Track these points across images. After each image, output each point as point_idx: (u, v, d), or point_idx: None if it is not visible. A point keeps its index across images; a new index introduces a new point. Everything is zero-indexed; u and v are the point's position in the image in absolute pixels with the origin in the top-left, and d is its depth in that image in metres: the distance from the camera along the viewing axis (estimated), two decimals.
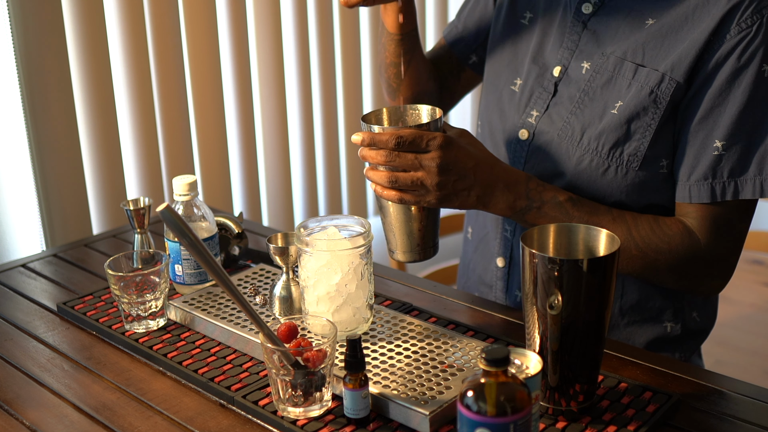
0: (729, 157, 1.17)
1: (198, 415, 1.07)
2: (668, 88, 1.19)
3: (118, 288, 1.24)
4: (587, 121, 1.25)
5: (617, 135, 1.22)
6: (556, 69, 1.31)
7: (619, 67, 1.23)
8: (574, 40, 1.29)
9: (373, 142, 1.13)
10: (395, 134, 1.12)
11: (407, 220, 1.19)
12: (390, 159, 1.13)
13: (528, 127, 1.32)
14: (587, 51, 1.28)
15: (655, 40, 1.21)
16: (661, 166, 1.23)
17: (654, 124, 1.20)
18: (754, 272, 2.87)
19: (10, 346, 1.26)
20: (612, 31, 1.26)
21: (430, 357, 1.12)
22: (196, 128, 2.12)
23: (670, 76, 1.19)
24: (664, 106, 1.19)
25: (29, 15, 1.71)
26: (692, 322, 1.35)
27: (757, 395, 1.09)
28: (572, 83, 1.28)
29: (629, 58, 1.22)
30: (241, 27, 2.15)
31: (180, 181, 1.30)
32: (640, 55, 1.22)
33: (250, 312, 1.01)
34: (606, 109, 1.23)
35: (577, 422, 1.02)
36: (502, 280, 1.41)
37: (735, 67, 1.15)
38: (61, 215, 1.84)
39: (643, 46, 1.22)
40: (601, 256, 0.98)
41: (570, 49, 1.30)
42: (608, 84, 1.24)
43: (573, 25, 1.29)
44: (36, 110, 1.76)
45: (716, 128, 1.17)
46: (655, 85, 1.20)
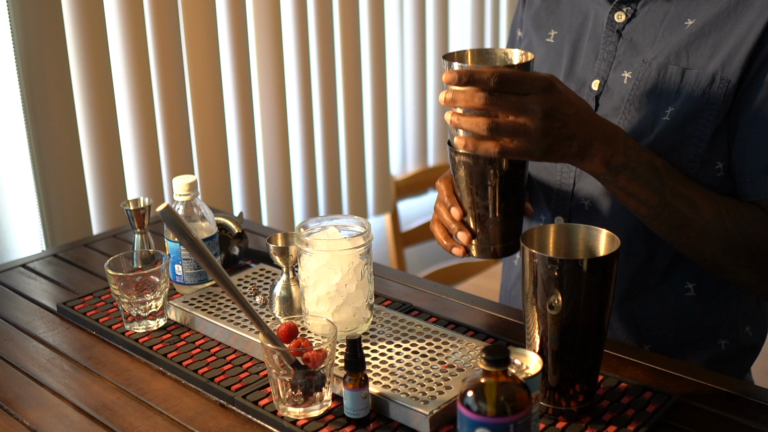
0: None
1: (198, 415, 1.07)
2: (720, 88, 1.14)
3: (118, 288, 1.24)
4: (638, 130, 1.20)
5: (672, 141, 1.17)
6: (594, 83, 1.25)
7: (664, 73, 1.18)
8: (611, 50, 1.24)
9: (471, 78, 0.99)
10: (497, 72, 0.99)
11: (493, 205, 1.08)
12: (491, 101, 1.00)
13: None
14: (626, 60, 1.23)
15: (698, 41, 1.17)
16: (717, 169, 1.18)
17: (710, 126, 1.16)
18: None
19: (10, 346, 1.26)
20: (650, 36, 1.21)
21: (430, 357, 1.12)
22: (196, 128, 2.12)
23: (721, 75, 1.14)
24: (718, 107, 1.15)
25: (29, 15, 1.71)
26: (746, 337, 1.30)
27: (757, 395, 1.09)
28: (614, 95, 1.23)
29: (673, 62, 1.18)
30: (241, 27, 2.15)
31: (180, 181, 1.30)
32: (685, 58, 1.17)
33: (250, 312, 1.01)
34: (657, 116, 1.18)
35: (577, 422, 1.02)
36: None
37: None
38: (61, 215, 1.84)
39: (686, 48, 1.17)
40: (601, 256, 0.98)
41: (607, 61, 1.24)
42: (654, 90, 1.19)
43: (607, 35, 1.24)
44: (36, 110, 1.76)
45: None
46: (706, 86, 1.15)
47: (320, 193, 2.53)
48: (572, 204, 1.27)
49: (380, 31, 2.55)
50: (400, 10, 2.65)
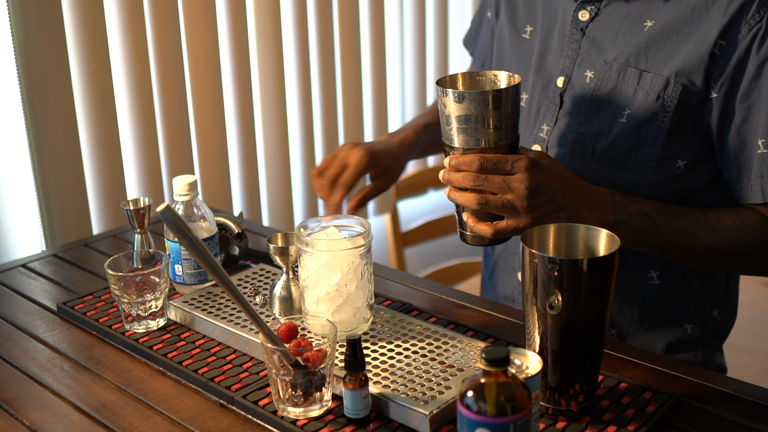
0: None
1: (198, 415, 1.07)
2: (674, 91, 1.19)
3: (118, 288, 1.24)
4: (597, 131, 1.24)
5: (629, 143, 1.22)
6: (559, 79, 1.30)
7: (623, 74, 1.22)
8: (575, 48, 1.28)
9: (459, 168, 1.11)
10: (479, 156, 1.10)
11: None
12: (477, 182, 1.11)
13: (540, 142, 1.32)
14: (589, 59, 1.27)
15: (657, 44, 1.21)
16: (678, 167, 1.23)
17: (665, 127, 1.20)
18: None
19: (10, 346, 1.26)
20: (611, 36, 1.25)
21: (430, 357, 1.12)
22: (196, 128, 2.12)
23: (675, 79, 1.19)
24: (672, 109, 1.19)
25: (29, 15, 1.71)
26: (713, 321, 1.34)
27: (757, 395, 1.09)
28: (577, 93, 1.27)
29: (632, 64, 1.22)
30: (241, 27, 2.15)
31: (180, 181, 1.30)
32: (643, 61, 1.22)
33: (250, 312, 1.01)
34: (615, 118, 1.23)
35: (577, 422, 1.02)
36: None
37: (757, 65, 1.16)
38: (61, 215, 1.84)
39: (645, 50, 1.21)
40: (601, 256, 0.98)
41: (571, 58, 1.29)
42: (614, 92, 1.23)
43: (572, 33, 1.29)
44: (36, 110, 1.76)
45: (754, 128, 1.17)
46: (661, 90, 1.20)
47: None
48: None
49: (380, 30, 2.55)
50: (400, 9, 2.65)
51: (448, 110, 1.11)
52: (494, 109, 1.09)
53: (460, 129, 1.11)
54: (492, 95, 1.08)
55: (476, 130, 1.10)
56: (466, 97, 1.09)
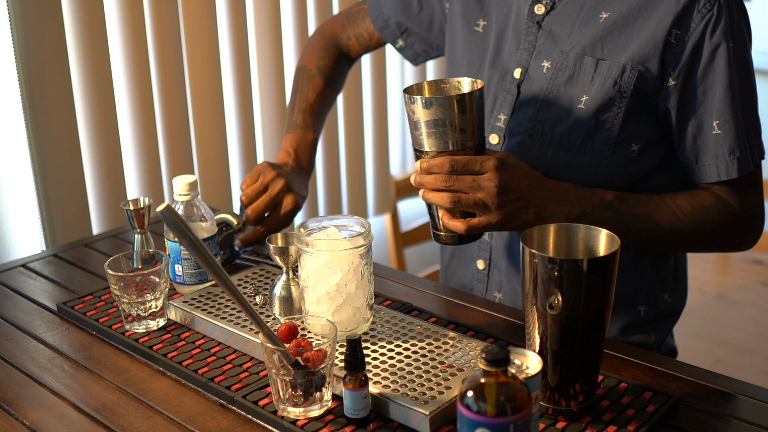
0: (726, 135, 1.23)
1: (198, 415, 1.07)
2: (630, 77, 1.24)
3: (118, 288, 1.24)
4: (556, 118, 1.29)
5: (587, 128, 1.27)
6: (516, 71, 1.34)
7: (580, 63, 1.28)
8: (531, 41, 1.33)
9: (429, 168, 1.16)
10: (449, 159, 1.14)
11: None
12: (449, 183, 1.16)
13: (498, 131, 1.35)
14: (545, 50, 1.31)
15: (612, 34, 1.26)
16: (632, 150, 1.28)
17: (621, 113, 1.25)
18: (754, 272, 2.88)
19: (10, 346, 1.26)
20: (567, 28, 1.30)
21: (430, 357, 1.12)
22: (196, 128, 2.12)
23: (632, 66, 1.24)
24: (628, 95, 1.25)
25: (29, 15, 1.71)
26: (664, 304, 1.40)
27: (757, 395, 1.09)
28: (534, 83, 1.32)
29: (589, 53, 1.27)
30: (241, 27, 2.15)
31: (180, 181, 1.31)
32: (599, 50, 1.26)
33: (250, 312, 1.01)
34: (572, 104, 1.28)
35: (577, 422, 1.02)
36: (483, 283, 1.44)
37: (710, 51, 1.22)
38: (61, 215, 1.84)
39: (601, 40, 1.26)
40: (601, 256, 0.98)
41: (528, 51, 1.33)
42: (571, 80, 1.28)
43: (528, 26, 1.33)
44: (36, 110, 1.76)
45: (710, 110, 1.23)
46: (617, 76, 1.24)
47: (320, 193, 2.53)
48: None
49: None
50: None
51: (417, 116, 1.16)
52: (460, 113, 1.14)
53: (429, 133, 1.16)
54: (457, 99, 1.13)
55: (444, 133, 1.15)
56: (434, 102, 1.13)
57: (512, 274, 1.40)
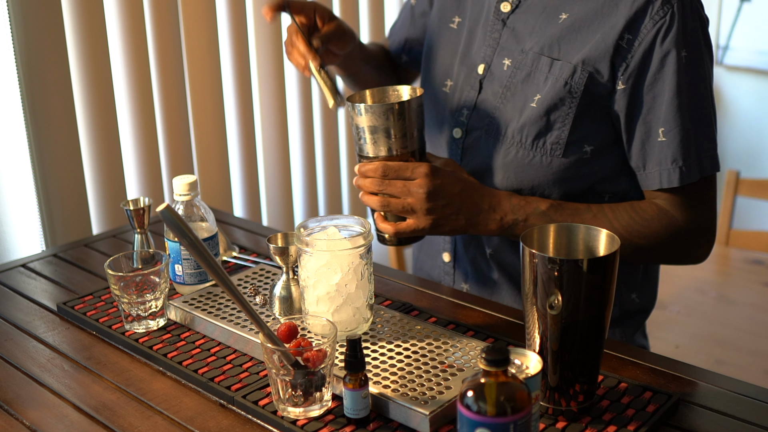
0: (670, 143, 1.24)
1: (198, 415, 1.07)
2: (581, 78, 1.26)
3: (118, 288, 1.24)
4: (509, 115, 1.31)
5: (538, 127, 1.28)
6: (480, 67, 1.37)
7: (537, 62, 1.30)
8: (495, 38, 1.35)
9: (365, 172, 1.23)
10: (382, 164, 1.22)
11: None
12: (382, 187, 1.22)
13: (461, 126, 1.38)
14: (508, 48, 1.34)
15: (570, 35, 1.28)
16: (585, 152, 1.29)
17: (572, 113, 1.27)
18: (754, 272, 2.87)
19: (10, 346, 1.26)
20: (529, 27, 1.32)
21: (430, 357, 1.12)
22: (196, 128, 2.12)
23: (582, 67, 1.25)
24: (578, 95, 1.26)
25: (29, 15, 1.71)
26: (630, 304, 1.41)
27: (757, 395, 1.09)
28: (495, 80, 1.34)
29: (546, 53, 1.29)
30: (241, 27, 2.15)
31: (180, 181, 1.31)
32: (556, 50, 1.28)
33: (250, 312, 1.01)
34: (526, 102, 1.30)
35: (577, 422, 1.02)
36: (449, 275, 1.47)
37: (659, 57, 1.23)
38: (61, 215, 1.84)
39: (558, 40, 1.28)
40: (601, 256, 0.98)
41: (492, 47, 1.36)
42: (528, 79, 1.30)
43: (494, 23, 1.36)
44: (36, 110, 1.76)
45: (657, 117, 1.24)
46: (568, 77, 1.26)
47: (320, 193, 2.53)
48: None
49: (380, 30, 2.55)
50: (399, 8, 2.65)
51: (357, 122, 1.24)
52: (397, 120, 1.21)
53: (368, 139, 1.24)
54: (395, 107, 1.21)
55: (382, 139, 1.23)
56: (371, 110, 1.21)
57: (477, 265, 1.42)
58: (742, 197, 2.56)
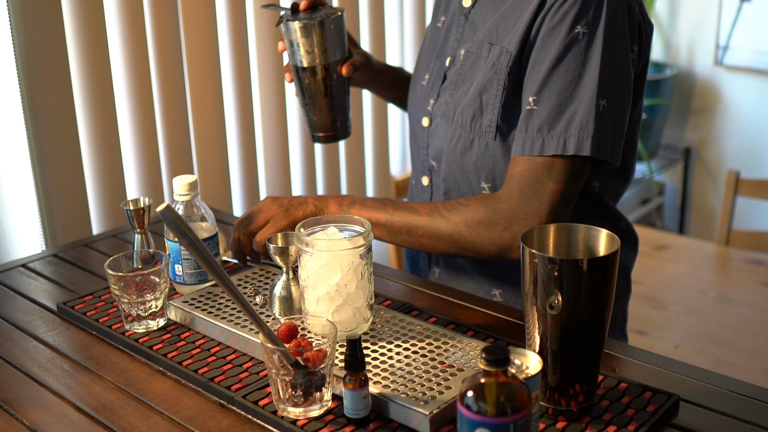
0: (539, 112, 1.24)
1: (198, 415, 1.07)
2: (504, 59, 1.30)
3: (118, 288, 1.24)
4: (458, 100, 1.38)
5: (473, 108, 1.34)
6: (447, 59, 1.44)
7: (480, 48, 1.35)
8: (460, 31, 1.42)
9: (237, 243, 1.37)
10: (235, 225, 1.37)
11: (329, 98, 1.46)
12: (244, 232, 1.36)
13: (428, 115, 1.45)
14: (466, 39, 1.40)
15: (505, 21, 1.32)
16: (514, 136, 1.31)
17: (499, 95, 1.31)
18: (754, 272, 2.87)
19: (10, 346, 1.26)
20: (483, 18, 1.38)
21: (430, 357, 1.12)
22: (196, 128, 2.12)
23: (507, 49, 1.30)
24: (503, 77, 1.30)
25: (29, 15, 1.71)
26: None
27: (757, 395, 1.09)
28: (454, 68, 1.41)
29: (487, 39, 1.34)
30: (241, 27, 2.15)
31: (180, 181, 1.31)
32: (495, 36, 1.33)
33: (250, 312, 1.01)
34: (468, 88, 1.36)
35: (577, 422, 1.02)
36: (425, 259, 1.52)
37: (548, 28, 1.24)
38: (61, 215, 1.84)
39: (497, 27, 1.33)
40: (601, 256, 0.98)
41: (457, 40, 1.43)
42: (474, 65, 1.36)
43: (458, 18, 1.43)
44: (36, 110, 1.76)
45: (531, 85, 1.25)
46: (496, 59, 1.31)
47: (320, 193, 2.53)
48: (429, 165, 1.46)
49: (380, 29, 2.54)
50: (399, 8, 2.65)
51: (292, 38, 1.41)
52: (303, 37, 1.39)
53: (287, 51, 1.44)
54: (300, 26, 1.38)
55: (293, 53, 1.42)
56: (282, 27, 1.40)
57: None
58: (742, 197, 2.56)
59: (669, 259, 2.58)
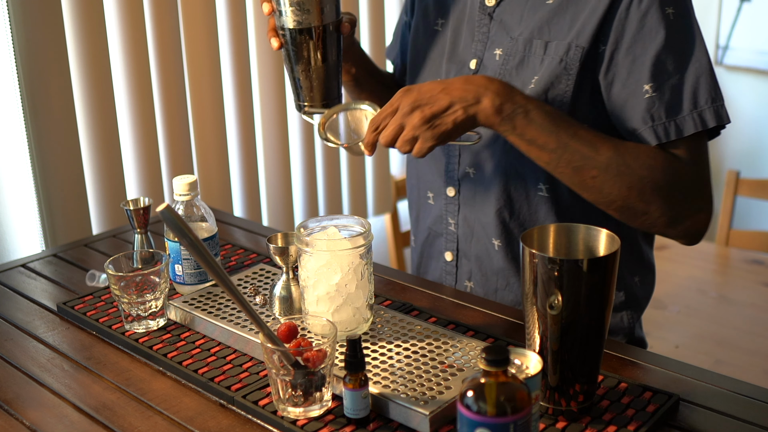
0: (661, 97, 1.22)
1: (198, 415, 1.07)
2: (575, 54, 1.26)
3: (118, 288, 1.24)
4: None
5: None
6: (472, 62, 1.38)
7: (529, 47, 1.31)
8: (484, 32, 1.37)
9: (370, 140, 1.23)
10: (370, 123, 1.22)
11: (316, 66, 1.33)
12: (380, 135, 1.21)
13: None
14: (498, 39, 1.36)
15: (558, 16, 1.29)
16: None
17: (569, 91, 1.27)
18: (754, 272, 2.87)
19: (10, 346, 1.26)
20: (516, 17, 1.34)
21: (430, 357, 1.12)
22: (196, 128, 2.12)
23: (576, 43, 1.26)
24: (575, 72, 1.27)
25: (29, 15, 1.71)
26: (636, 287, 1.41)
27: (757, 395, 1.09)
28: (488, 71, 1.36)
29: (536, 37, 1.30)
30: (241, 27, 2.15)
31: (180, 181, 1.31)
32: (546, 32, 1.30)
33: (250, 312, 1.01)
34: (525, 86, 1.30)
35: (577, 422, 1.02)
36: (452, 275, 1.47)
37: (638, 17, 1.22)
38: (61, 215, 1.84)
39: (548, 23, 1.30)
40: (601, 256, 0.98)
41: (482, 42, 1.37)
42: (521, 64, 1.32)
43: (480, 19, 1.38)
44: (36, 110, 1.76)
45: (642, 76, 1.23)
46: (563, 54, 1.27)
47: (320, 193, 2.53)
48: (460, 174, 1.40)
49: (380, 30, 2.55)
50: (399, 8, 2.65)
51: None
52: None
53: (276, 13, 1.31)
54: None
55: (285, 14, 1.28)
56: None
57: (481, 262, 1.41)
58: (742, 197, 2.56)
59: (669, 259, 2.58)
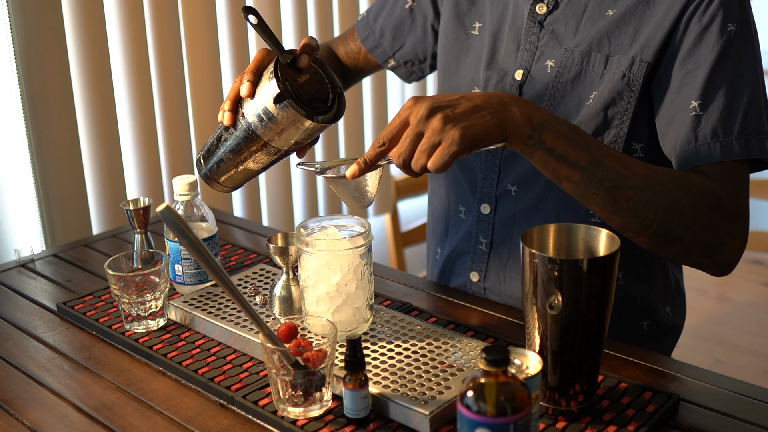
0: (708, 117, 1.15)
1: (198, 415, 1.07)
2: (639, 69, 1.20)
3: (118, 288, 1.24)
4: (564, 115, 1.25)
5: (596, 123, 1.23)
6: (518, 73, 1.30)
7: (587, 60, 1.24)
8: (533, 41, 1.29)
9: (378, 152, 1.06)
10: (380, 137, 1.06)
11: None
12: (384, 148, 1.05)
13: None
14: (549, 50, 1.28)
15: (619, 28, 1.23)
16: (634, 149, 1.24)
17: (631, 107, 1.22)
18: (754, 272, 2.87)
19: (10, 346, 1.26)
20: (571, 27, 1.27)
21: (430, 357, 1.12)
22: (196, 128, 2.12)
23: (640, 58, 1.20)
24: (638, 88, 1.21)
25: (29, 15, 1.71)
26: (666, 318, 1.37)
27: (757, 395, 1.09)
28: (538, 83, 1.28)
29: (595, 50, 1.24)
30: (241, 27, 2.15)
31: (180, 181, 1.31)
32: (607, 45, 1.23)
33: (250, 312, 1.01)
34: (581, 101, 1.24)
35: (577, 422, 1.02)
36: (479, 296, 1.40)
37: (698, 30, 1.17)
38: (61, 215, 1.84)
39: (608, 35, 1.23)
40: (601, 256, 0.98)
41: (530, 51, 1.30)
42: (578, 78, 1.25)
43: (529, 26, 1.30)
44: (36, 110, 1.76)
45: (691, 91, 1.16)
46: (626, 69, 1.21)
47: (320, 193, 2.53)
48: (498, 191, 1.33)
49: None
50: None
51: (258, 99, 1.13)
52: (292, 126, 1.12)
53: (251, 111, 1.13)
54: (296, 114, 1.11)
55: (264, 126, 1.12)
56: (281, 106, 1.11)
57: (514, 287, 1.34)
58: None
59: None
